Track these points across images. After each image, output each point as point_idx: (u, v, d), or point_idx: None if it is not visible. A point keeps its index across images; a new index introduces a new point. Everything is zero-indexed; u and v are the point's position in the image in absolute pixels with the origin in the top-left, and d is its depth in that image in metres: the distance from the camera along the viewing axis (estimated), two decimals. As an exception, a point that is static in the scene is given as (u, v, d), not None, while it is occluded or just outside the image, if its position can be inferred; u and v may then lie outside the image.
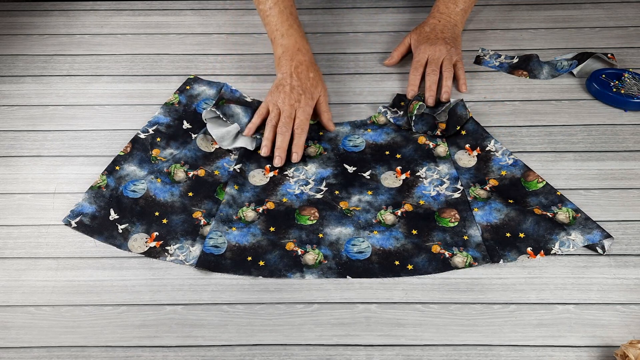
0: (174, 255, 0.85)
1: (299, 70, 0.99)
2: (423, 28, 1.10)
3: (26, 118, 1.04)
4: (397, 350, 0.76)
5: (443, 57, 1.06)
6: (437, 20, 1.10)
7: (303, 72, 0.99)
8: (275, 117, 0.96)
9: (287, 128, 0.95)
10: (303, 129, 0.96)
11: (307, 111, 0.97)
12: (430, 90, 1.03)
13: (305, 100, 0.97)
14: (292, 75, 0.98)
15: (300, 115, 0.96)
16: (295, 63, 0.99)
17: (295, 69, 0.99)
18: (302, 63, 1.00)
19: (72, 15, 1.24)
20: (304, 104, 0.97)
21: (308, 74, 0.99)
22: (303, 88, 0.98)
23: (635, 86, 1.03)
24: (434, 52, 1.06)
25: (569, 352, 0.75)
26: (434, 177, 0.94)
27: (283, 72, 1.00)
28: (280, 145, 0.94)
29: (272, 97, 0.98)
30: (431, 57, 1.06)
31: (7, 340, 0.78)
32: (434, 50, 1.06)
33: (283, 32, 1.02)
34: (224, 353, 0.76)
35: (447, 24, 1.10)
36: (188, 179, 0.94)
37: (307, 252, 0.85)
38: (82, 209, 0.90)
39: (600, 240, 0.84)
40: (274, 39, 1.03)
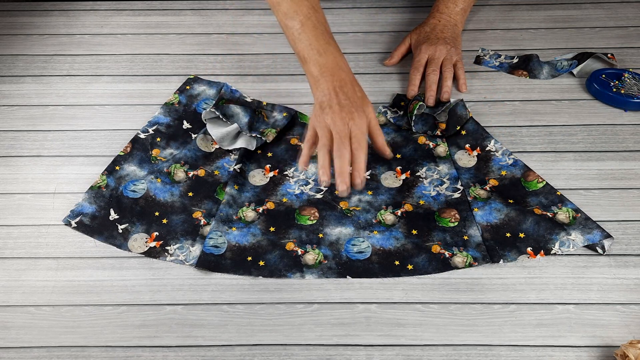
0: (174, 255, 0.85)
1: (345, 88, 0.87)
2: (423, 28, 1.11)
3: (26, 118, 1.04)
4: (397, 350, 0.76)
5: (443, 57, 1.06)
6: (437, 20, 1.10)
7: (349, 90, 0.87)
8: (328, 140, 0.83)
9: (346, 150, 0.82)
10: (362, 145, 0.82)
11: (362, 128, 0.84)
12: (430, 90, 1.03)
13: (359, 116, 0.84)
14: (338, 94, 0.86)
15: (358, 134, 0.83)
16: (339, 81, 0.87)
17: (339, 87, 0.87)
18: (346, 80, 0.88)
19: (72, 15, 1.24)
20: (358, 120, 0.84)
21: (355, 92, 0.87)
22: (354, 105, 0.85)
23: (635, 86, 1.03)
24: (434, 51, 1.06)
25: (569, 352, 0.75)
26: (434, 177, 0.94)
27: (325, 91, 0.86)
28: (342, 171, 0.81)
29: (318, 120, 0.85)
30: (431, 56, 1.06)
31: (7, 340, 0.78)
32: (434, 50, 1.07)
33: (320, 49, 0.89)
34: (224, 353, 0.76)
35: (447, 23, 1.10)
36: (188, 179, 0.94)
37: (307, 252, 0.85)
38: (82, 209, 0.90)
39: (600, 240, 0.84)
40: (308, 58, 0.90)
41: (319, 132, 0.85)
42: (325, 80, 0.87)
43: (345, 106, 0.85)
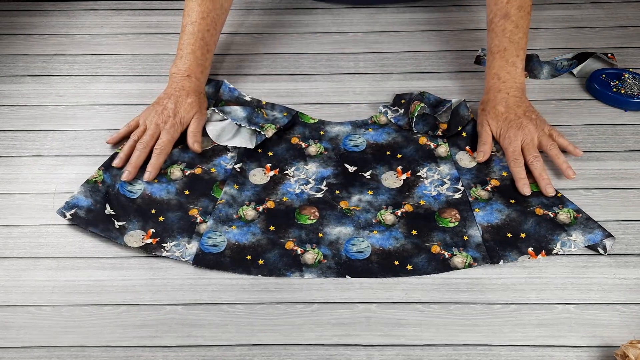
0: (170, 251, 0.85)
1: (179, 94, 0.98)
2: (496, 108, 0.97)
3: (26, 118, 1.04)
4: (397, 350, 0.76)
5: (536, 134, 0.94)
6: (506, 93, 0.98)
7: (182, 97, 0.98)
8: (139, 133, 0.96)
9: (144, 146, 0.94)
10: (162, 150, 0.95)
11: (171, 133, 0.96)
12: (543, 180, 0.91)
13: (172, 123, 0.96)
14: (170, 98, 0.98)
15: (164, 137, 0.95)
16: (179, 87, 0.99)
17: (175, 91, 0.99)
18: (185, 89, 0.99)
19: (72, 15, 1.24)
20: (169, 127, 0.96)
21: (187, 99, 0.98)
22: (175, 111, 0.97)
23: (635, 86, 1.03)
24: (524, 135, 0.94)
25: (569, 352, 0.75)
26: (435, 177, 0.94)
27: (165, 92, 1.00)
28: (132, 161, 0.94)
29: (144, 114, 0.98)
30: (525, 142, 0.94)
31: (7, 340, 0.78)
32: (524, 134, 0.94)
33: (183, 54, 1.01)
34: (224, 353, 0.76)
35: (516, 93, 0.98)
36: (184, 177, 0.94)
37: (306, 252, 0.85)
38: (78, 201, 0.90)
39: (602, 240, 0.84)
40: (176, 54, 1.03)
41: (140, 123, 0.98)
42: (172, 83, 1.00)
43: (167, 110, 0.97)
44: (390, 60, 1.12)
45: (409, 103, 1.01)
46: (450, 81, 1.09)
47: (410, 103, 1.01)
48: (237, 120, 0.97)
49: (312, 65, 1.13)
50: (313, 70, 1.12)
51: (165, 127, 0.96)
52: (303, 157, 0.97)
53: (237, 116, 0.98)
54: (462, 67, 1.12)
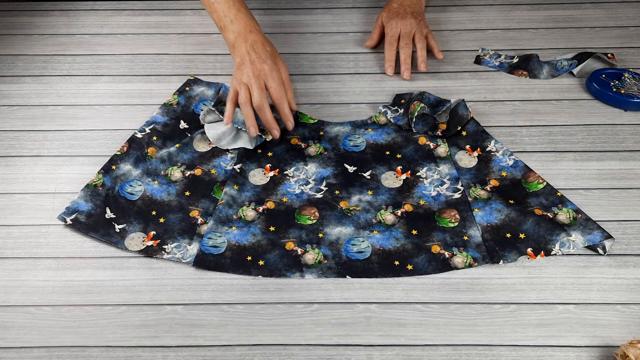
0: (170, 253, 0.85)
1: (255, 46, 0.98)
2: (391, 5, 1.15)
3: (26, 118, 1.04)
4: (397, 350, 0.76)
5: (414, 30, 1.10)
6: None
7: (259, 48, 0.98)
8: (246, 94, 0.94)
9: (262, 100, 0.93)
10: (281, 96, 0.95)
11: (276, 77, 0.95)
12: (405, 64, 1.08)
13: (270, 66, 0.96)
14: (250, 52, 0.97)
15: (272, 84, 0.95)
16: (250, 42, 0.98)
17: (251, 47, 0.97)
18: (257, 41, 0.98)
19: (72, 15, 1.24)
20: (269, 70, 0.95)
21: (265, 48, 0.98)
22: (263, 58, 0.96)
23: (635, 86, 1.03)
24: (404, 25, 1.11)
25: (569, 352, 0.75)
26: (435, 177, 0.94)
27: (240, 54, 0.98)
28: (267, 119, 0.94)
29: (236, 79, 0.96)
30: (403, 30, 1.10)
31: (7, 340, 0.78)
32: (404, 24, 1.11)
33: (232, 17, 1.00)
34: (224, 353, 0.76)
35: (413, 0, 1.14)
36: (185, 178, 0.94)
37: (306, 252, 0.85)
38: (78, 206, 0.90)
39: (601, 241, 0.84)
40: (223, 27, 1.01)
41: (238, 88, 0.95)
42: (240, 45, 0.98)
43: (256, 61, 0.96)
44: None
45: (409, 103, 1.01)
46: (450, 81, 1.09)
47: (410, 103, 1.01)
48: (236, 124, 0.97)
49: (312, 65, 1.13)
50: (313, 70, 1.12)
51: (266, 73, 0.95)
52: (303, 158, 0.97)
53: (237, 119, 0.98)
54: (462, 67, 1.12)
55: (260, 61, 0.96)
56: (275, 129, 0.95)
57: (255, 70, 0.95)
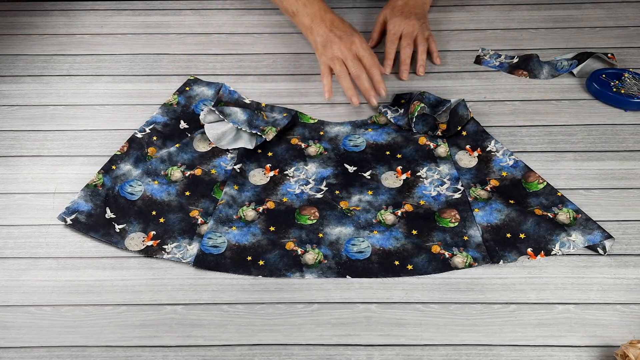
0: (170, 253, 0.85)
1: (335, 24, 1.04)
2: (395, 3, 1.14)
3: (26, 118, 1.04)
4: (397, 350, 0.76)
5: (416, 31, 1.09)
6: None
7: (340, 25, 1.04)
8: (342, 67, 1.00)
9: (360, 70, 1.00)
10: (375, 63, 1.01)
11: (366, 47, 1.01)
12: (404, 64, 1.08)
13: (360, 39, 1.02)
14: (332, 30, 1.03)
15: (365, 53, 1.00)
16: (329, 21, 1.04)
17: (331, 25, 1.03)
18: (335, 19, 1.05)
19: (72, 15, 1.24)
20: (359, 43, 1.01)
21: (345, 25, 1.04)
22: (349, 33, 1.02)
23: (635, 86, 1.03)
24: (407, 25, 1.09)
25: (569, 352, 0.75)
26: (435, 177, 0.94)
27: (321, 33, 1.04)
28: (366, 87, 0.99)
29: (326, 55, 1.02)
30: (405, 30, 1.09)
31: (8, 340, 0.78)
32: (407, 24, 1.09)
33: (304, 1, 1.07)
34: (224, 353, 0.76)
35: (417, 0, 1.14)
36: (185, 178, 0.94)
37: (307, 252, 0.85)
38: (78, 206, 0.90)
39: (601, 241, 0.84)
40: (296, 12, 1.07)
41: (331, 64, 1.01)
42: (318, 25, 1.04)
43: (344, 37, 1.02)
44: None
45: (409, 103, 1.01)
46: (450, 81, 1.09)
47: (410, 103, 1.01)
48: (237, 124, 0.97)
49: (312, 65, 1.13)
50: (313, 70, 1.12)
51: (357, 45, 1.01)
52: (303, 158, 0.97)
53: (237, 119, 0.98)
54: (462, 67, 1.12)
55: (348, 35, 1.02)
56: (373, 97, 1.00)
57: (345, 43, 1.01)
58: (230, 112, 0.99)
